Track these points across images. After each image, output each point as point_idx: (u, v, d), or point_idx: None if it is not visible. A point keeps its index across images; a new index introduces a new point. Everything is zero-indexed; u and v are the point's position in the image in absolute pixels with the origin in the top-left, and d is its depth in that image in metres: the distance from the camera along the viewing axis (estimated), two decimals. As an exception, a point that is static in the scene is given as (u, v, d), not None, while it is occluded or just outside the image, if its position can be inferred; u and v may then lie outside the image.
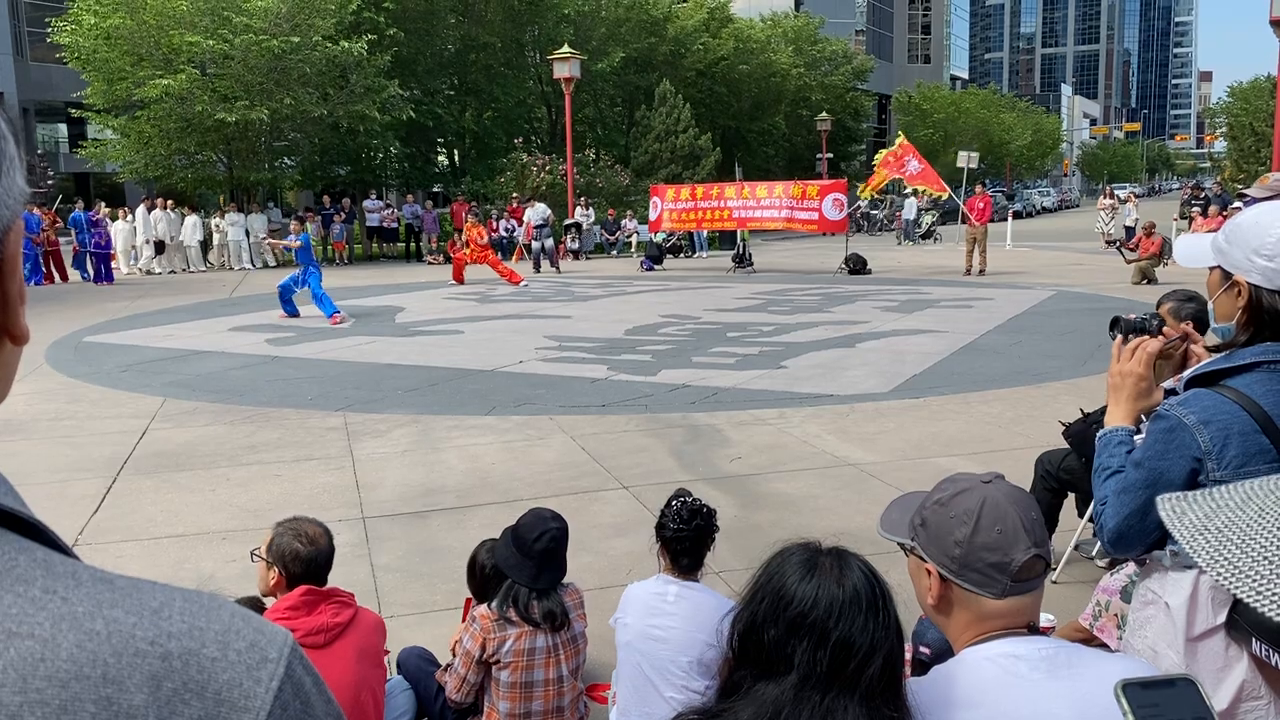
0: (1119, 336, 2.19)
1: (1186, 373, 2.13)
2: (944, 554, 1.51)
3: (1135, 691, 0.89)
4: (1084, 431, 4.61)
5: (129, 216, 23.71)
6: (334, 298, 17.20)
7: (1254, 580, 0.92)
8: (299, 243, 14.83)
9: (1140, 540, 2.03)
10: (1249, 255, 1.95)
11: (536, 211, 24.10)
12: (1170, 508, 1.00)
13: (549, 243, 23.45)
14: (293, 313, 14.50)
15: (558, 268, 22.89)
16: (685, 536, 3.01)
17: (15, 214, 0.68)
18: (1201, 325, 4.41)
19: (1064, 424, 4.86)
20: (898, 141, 21.86)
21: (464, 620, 3.48)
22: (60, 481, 6.47)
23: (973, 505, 1.50)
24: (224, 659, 0.62)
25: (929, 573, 1.54)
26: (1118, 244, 22.43)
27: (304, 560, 2.90)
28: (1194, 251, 2.16)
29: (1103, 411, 4.72)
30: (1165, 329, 2.21)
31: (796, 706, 1.34)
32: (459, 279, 19.51)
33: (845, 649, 1.35)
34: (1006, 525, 1.48)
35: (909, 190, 29.93)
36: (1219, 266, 2.06)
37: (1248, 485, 0.99)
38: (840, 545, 1.49)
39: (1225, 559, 0.94)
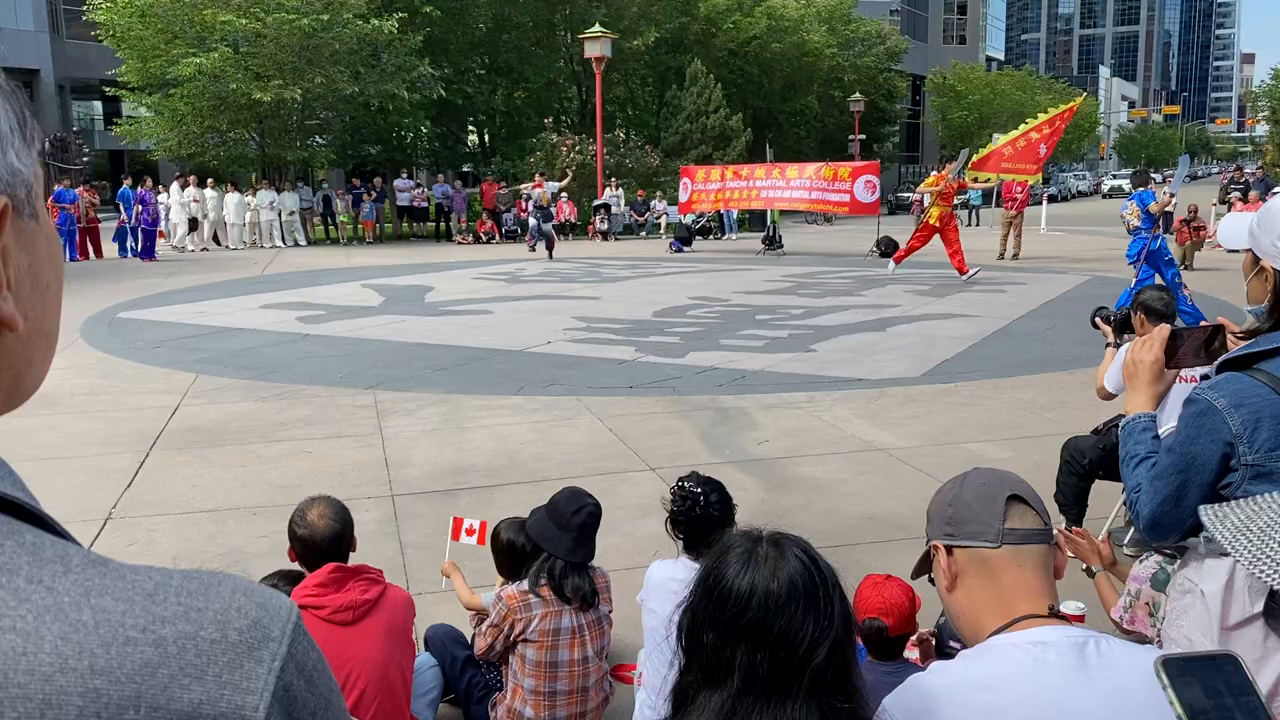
0: (1105, 326, 2.31)
1: (1221, 357, 2.11)
2: (942, 522, 1.59)
3: (1175, 666, 0.89)
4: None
5: (165, 194, 23.96)
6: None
7: None
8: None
9: (1176, 526, 2.03)
10: (1274, 241, 1.97)
11: (550, 188, 22.69)
12: (1212, 513, 1.02)
13: (547, 225, 21.83)
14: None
15: (540, 252, 21.60)
16: (682, 523, 3.00)
17: None
18: (1148, 316, 4.56)
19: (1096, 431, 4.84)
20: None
21: (454, 537, 3.82)
22: (94, 455, 6.56)
23: (958, 476, 1.64)
24: (224, 640, 0.60)
25: (937, 549, 1.59)
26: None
27: (300, 540, 2.97)
28: (1235, 234, 2.18)
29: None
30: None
31: (744, 716, 1.31)
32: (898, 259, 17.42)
33: (785, 646, 1.30)
34: (989, 480, 1.60)
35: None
36: (1250, 249, 2.07)
37: None
38: (780, 532, 1.42)
39: (1268, 556, 0.96)
